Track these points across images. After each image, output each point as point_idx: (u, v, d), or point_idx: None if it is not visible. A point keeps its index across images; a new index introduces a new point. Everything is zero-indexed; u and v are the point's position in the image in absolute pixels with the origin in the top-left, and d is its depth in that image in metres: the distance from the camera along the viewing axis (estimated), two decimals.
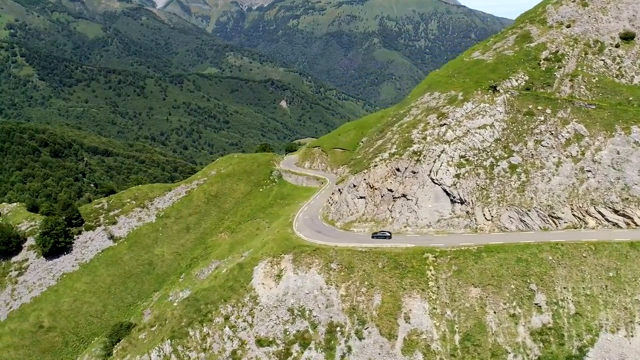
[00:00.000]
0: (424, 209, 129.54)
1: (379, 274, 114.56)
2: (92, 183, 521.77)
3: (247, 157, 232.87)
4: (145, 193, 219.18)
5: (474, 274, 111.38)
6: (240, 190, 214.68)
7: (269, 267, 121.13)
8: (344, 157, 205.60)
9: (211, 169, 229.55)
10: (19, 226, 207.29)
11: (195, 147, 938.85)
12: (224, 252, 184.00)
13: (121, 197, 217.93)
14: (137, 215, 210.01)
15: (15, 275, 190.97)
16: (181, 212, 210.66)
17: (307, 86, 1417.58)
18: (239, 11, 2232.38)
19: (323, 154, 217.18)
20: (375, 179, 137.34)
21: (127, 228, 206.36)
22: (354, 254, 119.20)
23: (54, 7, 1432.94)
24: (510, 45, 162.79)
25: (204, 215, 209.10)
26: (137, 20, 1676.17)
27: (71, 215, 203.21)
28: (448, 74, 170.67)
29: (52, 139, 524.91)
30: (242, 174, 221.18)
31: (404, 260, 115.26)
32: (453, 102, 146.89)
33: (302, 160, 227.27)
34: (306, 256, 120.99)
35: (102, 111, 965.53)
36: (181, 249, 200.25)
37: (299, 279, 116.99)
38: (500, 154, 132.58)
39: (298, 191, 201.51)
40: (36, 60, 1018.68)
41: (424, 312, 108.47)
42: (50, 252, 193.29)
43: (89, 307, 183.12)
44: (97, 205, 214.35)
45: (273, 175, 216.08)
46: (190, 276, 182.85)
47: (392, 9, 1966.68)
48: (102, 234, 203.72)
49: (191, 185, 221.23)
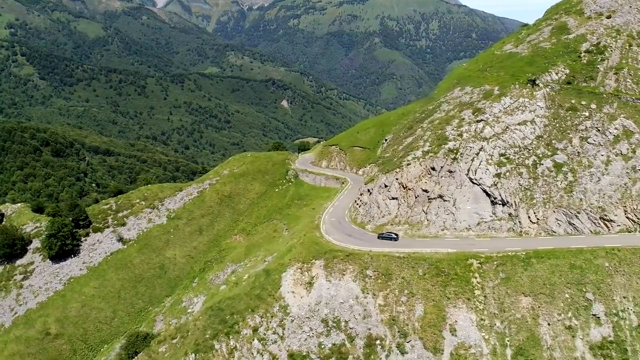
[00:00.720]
0: (463, 211, 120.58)
1: (419, 281, 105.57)
2: (94, 183, 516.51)
3: (261, 156, 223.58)
4: (155, 193, 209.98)
5: (523, 281, 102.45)
6: (254, 191, 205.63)
7: (298, 274, 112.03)
8: (364, 156, 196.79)
9: (223, 168, 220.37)
10: (24, 228, 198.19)
11: (197, 147, 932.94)
12: (239, 256, 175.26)
13: (130, 198, 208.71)
14: (147, 217, 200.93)
15: (20, 279, 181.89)
16: (193, 213, 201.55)
17: (308, 86, 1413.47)
18: (240, 11, 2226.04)
19: (341, 152, 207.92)
20: (408, 179, 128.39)
21: (137, 230, 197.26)
22: (391, 259, 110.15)
23: (54, 7, 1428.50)
24: (546, 37, 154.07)
25: (217, 217, 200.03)
26: (137, 20, 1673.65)
27: (78, 217, 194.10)
28: (478, 68, 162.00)
29: (53, 138, 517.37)
30: (257, 174, 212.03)
31: (447, 267, 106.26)
32: (489, 97, 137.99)
33: (318, 159, 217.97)
34: (339, 262, 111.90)
35: (103, 111, 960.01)
36: (194, 251, 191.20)
37: (332, 287, 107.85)
38: (543, 151, 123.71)
39: (316, 191, 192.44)
40: (37, 59, 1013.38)
41: (471, 323, 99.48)
42: (56, 255, 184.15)
43: (97, 313, 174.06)
44: (105, 206, 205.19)
45: (289, 174, 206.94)
46: (205, 281, 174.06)
47: (393, 9, 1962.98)
48: (111, 236, 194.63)
49: (203, 185, 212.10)
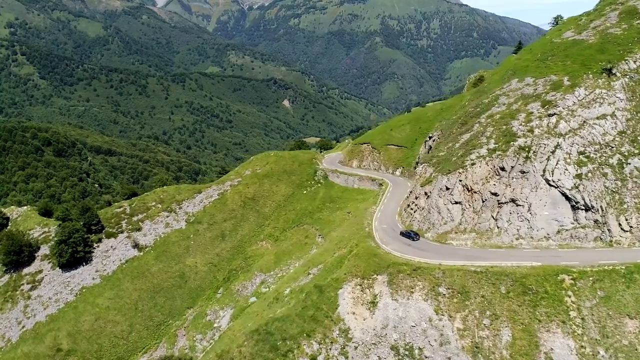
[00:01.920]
0: (540, 217, 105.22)
1: (503, 301, 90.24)
2: (97, 183, 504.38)
3: (286, 155, 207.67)
4: (172, 195, 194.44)
5: (627, 301, 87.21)
6: (280, 193, 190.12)
7: (358, 292, 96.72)
8: (401, 155, 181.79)
9: (245, 169, 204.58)
10: (31, 233, 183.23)
11: (199, 147, 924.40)
12: (268, 264, 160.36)
13: (145, 200, 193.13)
14: (164, 221, 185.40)
15: (28, 290, 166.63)
16: (214, 217, 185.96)
17: (310, 85, 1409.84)
18: (240, 10, 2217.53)
19: (374, 151, 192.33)
20: (474, 180, 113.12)
21: (154, 235, 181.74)
22: (467, 274, 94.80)
23: (54, 6, 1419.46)
24: (614, 22, 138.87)
25: (240, 221, 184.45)
26: (137, 19, 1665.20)
27: (90, 221, 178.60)
28: (536, 57, 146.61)
29: (55, 138, 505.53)
30: (282, 174, 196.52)
31: (534, 284, 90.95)
32: (558, 88, 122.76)
33: (348, 158, 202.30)
34: (405, 277, 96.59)
35: (103, 110, 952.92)
36: (216, 259, 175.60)
37: (399, 307, 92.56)
38: (629, 149, 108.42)
39: (349, 193, 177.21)
40: (37, 59, 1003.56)
41: (570, 351, 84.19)
42: (67, 262, 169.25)
43: (113, 326, 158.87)
44: (119, 209, 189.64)
45: (318, 175, 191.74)
46: (230, 292, 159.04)
47: (394, 8, 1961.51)
48: (126, 241, 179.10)
49: (224, 187, 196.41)
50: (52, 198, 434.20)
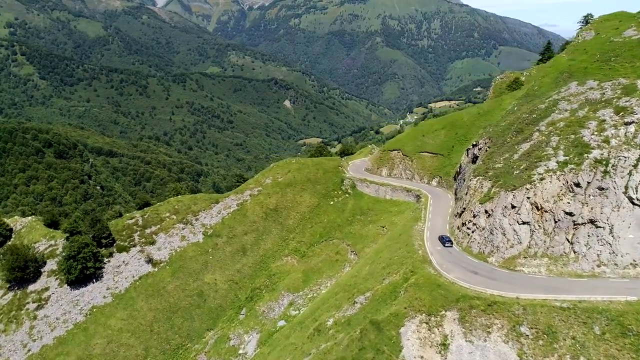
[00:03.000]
0: (624, 241, 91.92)
1: (598, 344, 76.78)
2: (99, 185, 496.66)
3: (309, 163, 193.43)
4: (188, 206, 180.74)
5: None
6: (305, 203, 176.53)
7: (425, 331, 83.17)
8: (436, 163, 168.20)
9: (265, 177, 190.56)
10: (37, 246, 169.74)
11: (200, 147, 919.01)
12: (296, 283, 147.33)
13: (159, 211, 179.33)
14: (179, 234, 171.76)
15: (34, 309, 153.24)
16: (234, 230, 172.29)
17: (310, 86, 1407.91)
18: (240, 10, 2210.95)
19: (406, 159, 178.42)
20: (544, 198, 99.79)
21: (169, 249, 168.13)
22: (551, 311, 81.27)
23: (54, 6, 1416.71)
24: None
25: (262, 234, 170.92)
26: (137, 19, 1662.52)
27: (100, 234, 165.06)
28: (594, 58, 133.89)
29: (56, 139, 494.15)
30: (306, 183, 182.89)
31: (634, 323, 77.62)
32: (632, 92, 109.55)
33: (376, 165, 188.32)
34: (479, 314, 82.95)
35: (104, 111, 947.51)
36: (237, 275, 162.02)
37: (476, 351, 79.02)
38: None
39: (381, 205, 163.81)
40: (37, 59, 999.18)
41: None
42: (76, 279, 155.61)
43: (127, 350, 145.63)
44: (130, 221, 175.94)
45: (345, 184, 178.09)
46: (255, 313, 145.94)
47: (395, 8, 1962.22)
48: (139, 256, 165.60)
49: (243, 197, 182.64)
50: (54, 201, 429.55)
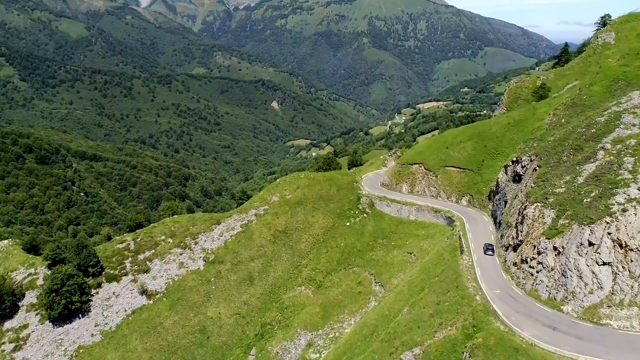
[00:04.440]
0: None
1: None
2: (83, 192, 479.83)
3: (320, 178, 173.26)
4: (185, 227, 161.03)
5: None
6: (318, 225, 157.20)
7: None
8: (465, 179, 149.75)
9: (271, 194, 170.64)
10: (14, 275, 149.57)
11: (187, 150, 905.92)
12: (314, 320, 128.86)
13: (152, 233, 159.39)
14: (177, 260, 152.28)
15: (11, 350, 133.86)
16: (239, 255, 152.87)
17: (298, 86, 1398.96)
18: (226, 10, 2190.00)
19: (429, 174, 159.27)
20: (628, 234, 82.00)
21: (165, 278, 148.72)
22: None
23: (34, 6, 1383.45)
24: None
25: (271, 260, 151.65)
26: (121, 20, 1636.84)
27: (87, 262, 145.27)
28: None
29: (37, 144, 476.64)
30: (318, 201, 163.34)
31: None
32: None
33: (395, 181, 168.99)
34: None
35: (87, 113, 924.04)
36: (245, 308, 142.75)
37: None
38: None
39: (405, 227, 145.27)
40: (17, 60, 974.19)
41: None
42: (59, 315, 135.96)
43: None
44: (121, 245, 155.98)
45: (362, 202, 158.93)
46: (268, 354, 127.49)
47: (381, 9, 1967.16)
48: (131, 286, 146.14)
49: (247, 216, 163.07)
50: (35, 209, 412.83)
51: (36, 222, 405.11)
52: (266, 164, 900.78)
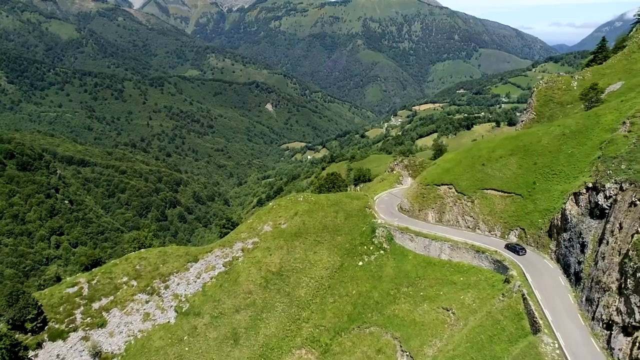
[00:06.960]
0: None
1: None
2: (67, 199, 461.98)
3: (323, 202, 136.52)
4: (154, 266, 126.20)
5: None
6: (322, 264, 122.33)
7: None
8: (512, 206, 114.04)
9: (263, 222, 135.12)
10: None
11: (179, 154, 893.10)
12: None
13: (112, 274, 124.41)
14: (141, 310, 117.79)
15: None
16: (221, 305, 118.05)
17: (292, 88, 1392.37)
18: (219, 12, 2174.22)
19: (462, 198, 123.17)
20: None
21: (125, 335, 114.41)
22: None
23: (24, 7, 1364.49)
24: None
25: (262, 311, 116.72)
26: (113, 21, 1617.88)
27: (23, 315, 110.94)
28: None
29: (19, 149, 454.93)
30: (321, 233, 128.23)
31: None
32: None
33: (417, 206, 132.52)
34: None
35: (77, 116, 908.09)
36: None
37: None
38: None
39: (436, 271, 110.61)
40: (5, 62, 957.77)
41: None
42: None
43: None
44: (72, 289, 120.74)
45: (378, 235, 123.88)
46: None
47: (375, 10, 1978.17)
48: (80, 347, 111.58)
49: (232, 252, 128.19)
50: (15, 218, 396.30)
51: (16, 232, 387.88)
52: (260, 167, 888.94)
